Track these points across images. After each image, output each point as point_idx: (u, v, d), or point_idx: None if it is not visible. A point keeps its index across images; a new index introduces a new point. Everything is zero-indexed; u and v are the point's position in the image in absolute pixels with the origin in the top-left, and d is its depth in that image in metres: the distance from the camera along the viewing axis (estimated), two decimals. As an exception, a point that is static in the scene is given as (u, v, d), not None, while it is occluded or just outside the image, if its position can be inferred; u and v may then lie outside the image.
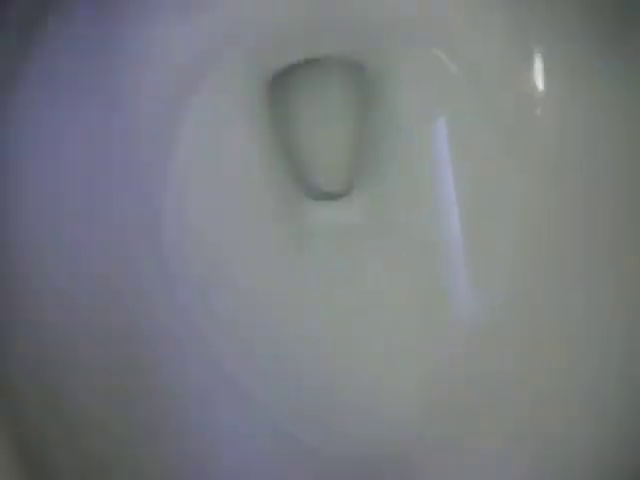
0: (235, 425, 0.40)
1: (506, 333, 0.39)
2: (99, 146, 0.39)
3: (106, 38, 0.39)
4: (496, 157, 0.40)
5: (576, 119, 0.39)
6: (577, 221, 0.39)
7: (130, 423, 0.38)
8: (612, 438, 0.38)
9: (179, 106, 0.40)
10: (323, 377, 0.40)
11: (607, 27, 0.39)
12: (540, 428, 0.39)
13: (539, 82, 0.40)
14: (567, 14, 0.39)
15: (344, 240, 0.43)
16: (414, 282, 0.41)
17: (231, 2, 0.40)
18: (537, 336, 0.39)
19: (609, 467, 0.37)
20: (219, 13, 0.39)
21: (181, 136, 0.40)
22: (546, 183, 0.39)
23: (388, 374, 0.40)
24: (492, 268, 0.40)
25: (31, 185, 0.39)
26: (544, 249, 0.39)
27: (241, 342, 0.40)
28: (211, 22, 0.40)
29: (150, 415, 0.38)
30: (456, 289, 0.40)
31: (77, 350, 0.38)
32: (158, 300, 0.39)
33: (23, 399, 0.36)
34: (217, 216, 0.41)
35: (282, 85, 0.43)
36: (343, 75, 0.44)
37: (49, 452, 0.36)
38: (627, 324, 0.39)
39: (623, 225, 0.39)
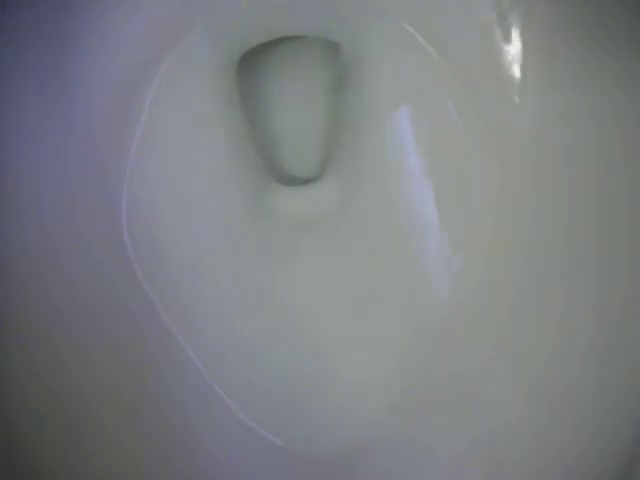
0: (208, 425, 0.39)
1: (482, 317, 0.39)
2: (56, 144, 0.38)
3: (55, 34, 0.37)
4: (471, 142, 0.39)
5: (554, 110, 0.38)
6: (553, 210, 0.38)
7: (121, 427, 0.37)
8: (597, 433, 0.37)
9: (137, 94, 0.38)
10: (295, 371, 0.40)
11: (595, 24, 0.38)
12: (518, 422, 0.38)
13: (519, 68, 0.38)
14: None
15: (315, 225, 0.42)
16: (385, 267, 0.40)
17: None
18: (514, 323, 0.38)
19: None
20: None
21: (141, 127, 0.38)
22: (522, 171, 0.39)
23: (360, 363, 0.40)
24: (466, 253, 0.39)
25: None
26: (520, 235, 0.39)
27: (212, 338, 0.39)
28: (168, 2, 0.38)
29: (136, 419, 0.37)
30: (429, 274, 0.40)
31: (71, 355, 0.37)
32: (130, 299, 0.38)
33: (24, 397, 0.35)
34: (184, 206, 0.39)
35: (252, 66, 0.42)
36: (317, 55, 0.43)
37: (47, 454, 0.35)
38: (611, 314, 0.37)
39: (599, 214, 0.38)
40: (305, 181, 0.43)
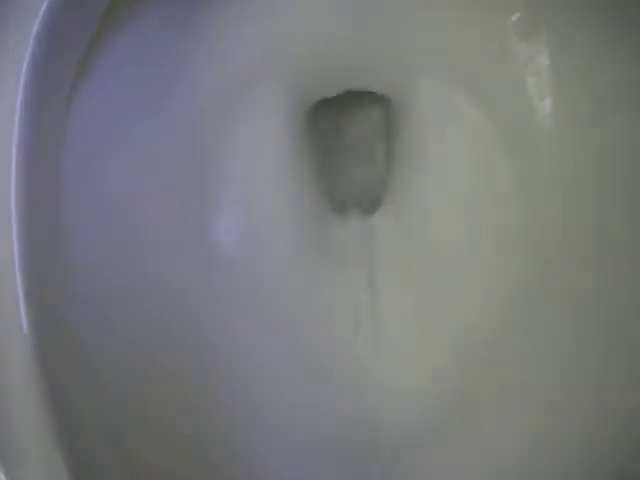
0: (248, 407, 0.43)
1: (520, 331, 0.43)
2: (145, 169, 0.42)
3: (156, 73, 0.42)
4: (507, 180, 0.44)
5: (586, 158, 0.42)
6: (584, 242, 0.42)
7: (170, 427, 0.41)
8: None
9: (222, 125, 0.44)
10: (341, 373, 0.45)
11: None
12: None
13: (550, 117, 0.43)
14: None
15: (368, 252, 0.47)
16: (433, 289, 0.45)
17: (270, 35, 0.44)
18: (551, 335, 0.42)
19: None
20: (257, 49, 0.44)
21: (217, 159, 0.44)
22: (549, 210, 0.43)
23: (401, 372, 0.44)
24: (505, 277, 0.44)
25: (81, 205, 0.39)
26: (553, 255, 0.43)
27: (268, 339, 0.44)
28: (249, 55, 0.44)
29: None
30: (469, 298, 0.45)
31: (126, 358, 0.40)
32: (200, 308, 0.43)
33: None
34: (251, 236, 0.45)
35: (320, 113, 0.48)
36: (373, 107, 0.49)
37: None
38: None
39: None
40: (364, 211, 0.48)
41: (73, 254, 0.37)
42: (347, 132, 0.49)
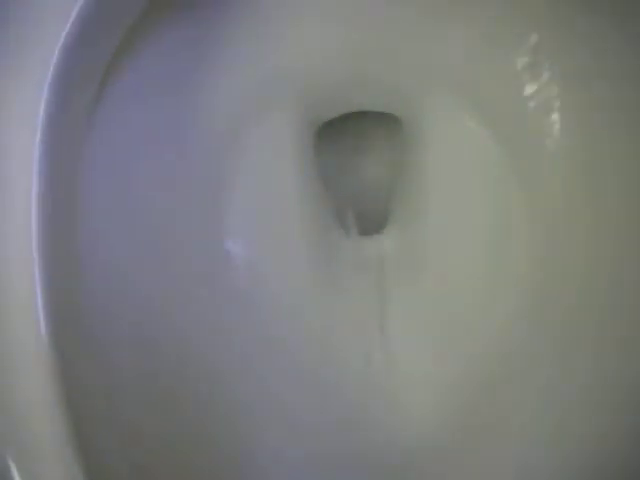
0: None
1: (531, 347, 0.43)
2: (159, 184, 0.43)
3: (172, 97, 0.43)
4: (512, 198, 0.45)
5: (586, 172, 0.43)
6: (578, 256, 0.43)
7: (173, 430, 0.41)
8: None
9: (229, 153, 0.45)
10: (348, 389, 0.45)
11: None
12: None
13: (555, 136, 0.44)
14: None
15: (376, 271, 0.48)
16: (437, 306, 0.46)
17: (281, 58, 0.45)
18: (555, 351, 0.42)
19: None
20: (270, 71, 0.45)
21: (230, 176, 0.45)
22: (552, 228, 0.44)
23: (411, 392, 0.45)
24: (510, 294, 0.44)
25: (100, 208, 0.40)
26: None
27: (280, 361, 0.45)
28: (263, 78, 0.45)
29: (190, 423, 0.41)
30: (473, 320, 0.45)
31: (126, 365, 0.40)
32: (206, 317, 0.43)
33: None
34: (263, 250, 0.46)
35: (329, 133, 0.49)
36: (381, 126, 0.50)
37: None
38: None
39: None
40: (369, 232, 0.49)
41: (91, 258, 0.37)
42: (352, 154, 0.51)
